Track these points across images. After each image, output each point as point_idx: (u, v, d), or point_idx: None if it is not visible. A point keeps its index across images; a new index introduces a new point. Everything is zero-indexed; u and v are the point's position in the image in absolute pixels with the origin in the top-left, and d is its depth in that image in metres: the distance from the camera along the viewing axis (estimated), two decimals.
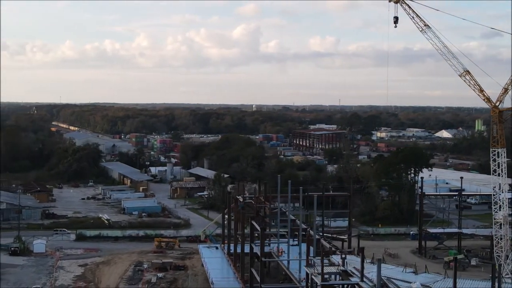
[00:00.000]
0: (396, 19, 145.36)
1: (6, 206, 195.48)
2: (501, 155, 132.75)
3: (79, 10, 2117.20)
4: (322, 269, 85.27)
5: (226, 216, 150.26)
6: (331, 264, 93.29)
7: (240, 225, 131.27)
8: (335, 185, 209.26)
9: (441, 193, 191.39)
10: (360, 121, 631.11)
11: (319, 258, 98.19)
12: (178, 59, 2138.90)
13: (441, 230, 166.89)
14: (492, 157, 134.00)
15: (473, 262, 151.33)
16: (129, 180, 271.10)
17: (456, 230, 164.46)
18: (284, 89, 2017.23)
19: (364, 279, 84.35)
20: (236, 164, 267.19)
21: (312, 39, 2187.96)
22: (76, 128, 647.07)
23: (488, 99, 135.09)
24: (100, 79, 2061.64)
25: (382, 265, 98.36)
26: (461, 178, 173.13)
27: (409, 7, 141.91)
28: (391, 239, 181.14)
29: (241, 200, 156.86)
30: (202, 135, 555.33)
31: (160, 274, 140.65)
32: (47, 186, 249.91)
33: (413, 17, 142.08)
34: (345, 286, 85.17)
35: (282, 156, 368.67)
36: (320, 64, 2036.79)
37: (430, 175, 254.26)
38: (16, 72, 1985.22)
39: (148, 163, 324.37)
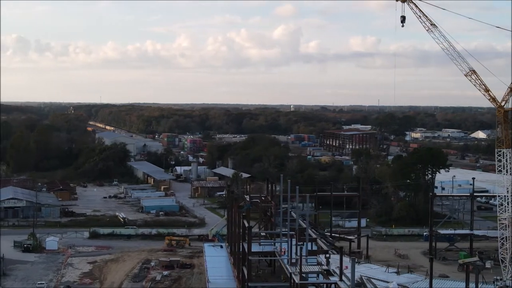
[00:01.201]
0: (403, 19, 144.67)
1: (25, 204, 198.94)
2: (507, 155, 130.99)
3: (121, 11, 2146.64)
4: (300, 268, 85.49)
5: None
6: (318, 263, 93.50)
7: (238, 223, 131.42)
8: (350, 186, 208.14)
9: (452, 194, 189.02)
10: (395, 121, 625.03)
11: (313, 257, 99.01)
12: (218, 59, 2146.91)
13: (452, 232, 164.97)
14: (498, 158, 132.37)
15: (487, 265, 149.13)
16: (152, 179, 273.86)
17: (467, 231, 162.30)
18: (323, 90, 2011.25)
19: (344, 279, 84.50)
20: (258, 164, 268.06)
21: (352, 39, 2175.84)
22: (112, 128, 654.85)
23: (493, 99, 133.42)
24: (141, 79, 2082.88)
25: (367, 265, 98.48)
26: (473, 179, 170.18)
27: (416, 6, 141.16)
28: (404, 240, 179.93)
29: (248, 199, 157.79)
30: (235, 135, 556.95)
31: (165, 272, 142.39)
32: (71, 184, 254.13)
33: (420, 16, 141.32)
34: (324, 285, 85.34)
35: (310, 156, 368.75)
36: (361, 64, 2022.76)
37: (454, 176, 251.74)
38: (59, 73, 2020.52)
39: (173, 162, 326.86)
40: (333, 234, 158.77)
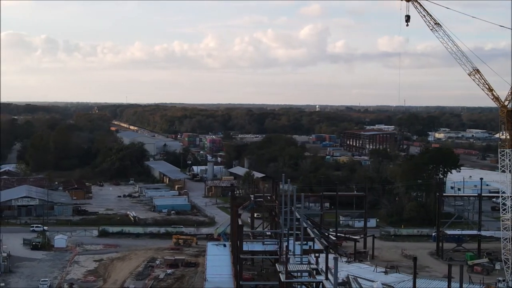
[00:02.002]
0: (407, 18, 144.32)
1: (38, 203, 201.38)
2: (510, 155, 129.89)
3: (149, 11, 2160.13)
4: (286, 267, 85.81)
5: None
6: (308, 262, 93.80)
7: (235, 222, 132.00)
8: (361, 186, 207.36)
9: (460, 194, 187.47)
10: (418, 121, 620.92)
11: (306, 256, 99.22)
12: (245, 59, 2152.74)
13: (459, 232, 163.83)
14: (501, 157, 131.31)
15: (497, 266, 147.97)
16: (167, 179, 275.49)
17: (475, 232, 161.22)
18: (350, 90, 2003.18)
19: (331, 278, 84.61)
20: (273, 163, 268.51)
21: (380, 39, 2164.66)
22: (135, 128, 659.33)
23: (497, 99, 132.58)
24: (168, 80, 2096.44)
25: (356, 264, 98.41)
26: (481, 179, 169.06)
27: (420, 5, 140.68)
28: (413, 241, 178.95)
29: (252, 199, 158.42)
30: (257, 135, 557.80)
31: (169, 271, 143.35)
32: (86, 183, 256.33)
33: (424, 15, 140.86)
34: (312, 283, 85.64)
35: (329, 156, 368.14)
36: (388, 64, 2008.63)
37: (470, 177, 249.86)
38: (87, 73, 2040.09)
39: (190, 162, 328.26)
40: (338, 234, 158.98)
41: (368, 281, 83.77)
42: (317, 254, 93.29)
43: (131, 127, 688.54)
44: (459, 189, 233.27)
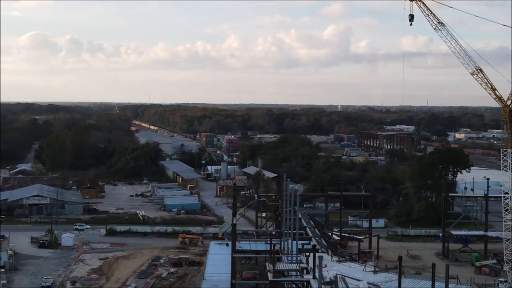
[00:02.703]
0: (411, 17, 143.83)
1: (49, 201, 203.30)
2: None
3: (172, 12, 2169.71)
4: (274, 266, 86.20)
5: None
6: (299, 261, 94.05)
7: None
8: (372, 186, 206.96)
9: (467, 195, 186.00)
10: (439, 122, 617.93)
11: (298, 255, 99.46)
12: (268, 59, 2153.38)
13: (465, 233, 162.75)
14: (503, 157, 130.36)
15: (505, 267, 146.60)
16: (180, 178, 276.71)
17: (481, 232, 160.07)
18: (373, 90, 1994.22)
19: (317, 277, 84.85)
20: (286, 163, 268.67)
21: (404, 39, 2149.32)
22: (155, 128, 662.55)
23: (499, 98, 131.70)
24: (191, 80, 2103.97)
25: (347, 263, 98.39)
26: (487, 179, 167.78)
27: (424, 4, 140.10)
28: (420, 241, 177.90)
29: (256, 198, 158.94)
30: (276, 135, 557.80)
31: (172, 269, 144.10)
32: (100, 183, 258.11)
33: (427, 14, 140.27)
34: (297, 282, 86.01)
35: (345, 156, 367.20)
36: (412, 64, 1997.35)
37: (485, 177, 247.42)
38: (111, 73, 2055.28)
39: (204, 162, 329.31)
40: (342, 234, 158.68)
41: (355, 280, 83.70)
42: (307, 254, 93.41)
43: (151, 127, 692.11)
44: (472, 190, 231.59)
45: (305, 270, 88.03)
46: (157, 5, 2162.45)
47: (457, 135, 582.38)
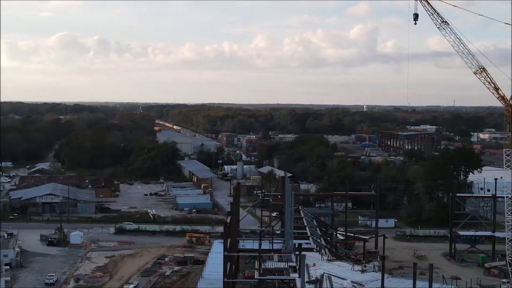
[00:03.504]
0: (416, 16, 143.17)
1: (62, 200, 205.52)
2: None
3: (199, 12, 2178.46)
4: (260, 265, 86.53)
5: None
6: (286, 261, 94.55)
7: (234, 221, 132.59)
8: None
9: (474, 195, 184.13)
10: (463, 122, 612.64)
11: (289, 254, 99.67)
12: (294, 59, 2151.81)
13: (472, 233, 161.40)
14: (506, 158, 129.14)
15: (509, 268, 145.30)
16: (196, 178, 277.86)
17: (488, 233, 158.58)
18: (400, 90, 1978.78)
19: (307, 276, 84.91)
20: (300, 163, 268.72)
21: (431, 39, 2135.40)
22: (178, 128, 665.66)
23: (502, 98, 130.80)
24: (217, 80, 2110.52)
25: (337, 262, 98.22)
26: (495, 179, 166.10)
27: (428, 3, 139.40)
28: (429, 241, 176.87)
29: (260, 197, 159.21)
30: (297, 135, 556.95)
31: (176, 268, 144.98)
32: (115, 182, 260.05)
33: (431, 13, 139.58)
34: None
35: (364, 157, 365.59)
36: (439, 64, 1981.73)
37: (501, 177, 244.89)
38: (138, 74, 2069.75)
39: (221, 161, 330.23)
40: (348, 234, 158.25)
41: (342, 279, 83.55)
42: (296, 253, 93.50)
43: (175, 126, 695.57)
44: (488, 190, 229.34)
45: (292, 269, 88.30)
46: (185, 5, 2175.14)
47: (481, 135, 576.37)
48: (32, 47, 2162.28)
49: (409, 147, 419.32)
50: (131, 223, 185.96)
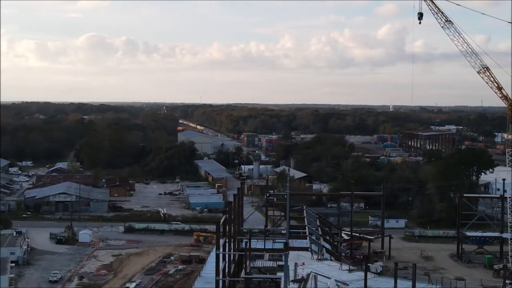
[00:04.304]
0: (420, 15, 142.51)
1: (75, 199, 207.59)
2: None
3: (226, 12, 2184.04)
4: (247, 264, 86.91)
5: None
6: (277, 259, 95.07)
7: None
8: (396, 186, 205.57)
9: (482, 195, 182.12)
10: (488, 122, 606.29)
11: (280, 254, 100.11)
12: (321, 59, 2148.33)
13: (479, 234, 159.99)
14: (509, 158, 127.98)
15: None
16: (211, 177, 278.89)
17: (496, 234, 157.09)
18: (428, 90, 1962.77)
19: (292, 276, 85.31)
20: (316, 163, 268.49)
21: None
22: (201, 128, 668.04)
23: (505, 97, 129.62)
24: (244, 80, 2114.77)
25: (327, 262, 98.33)
26: (503, 180, 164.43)
27: (432, 2, 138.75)
28: (437, 242, 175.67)
29: (266, 197, 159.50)
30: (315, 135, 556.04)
31: (180, 266, 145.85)
32: (130, 181, 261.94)
33: (436, 12, 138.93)
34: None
35: (383, 157, 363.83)
36: (469, 64, 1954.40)
37: (503, 179, 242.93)
38: (166, 74, 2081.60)
39: (237, 161, 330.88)
40: (354, 234, 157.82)
41: (327, 278, 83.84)
42: (286, 252, 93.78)
43: (198, 126, 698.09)
44: (498, 190, 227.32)
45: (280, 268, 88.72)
46: (211, 5, 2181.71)
47: (506, 136, 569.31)
48: (61, 47, 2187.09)
49: (430, 147, 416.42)
50: (131, 223, 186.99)
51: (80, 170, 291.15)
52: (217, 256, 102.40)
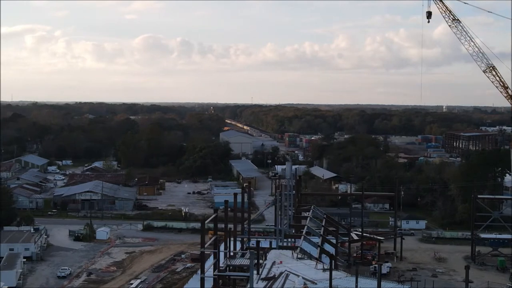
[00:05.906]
0: (429, 14, 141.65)
1: (100, 197, 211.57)
2: None
3: (279, 12, 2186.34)
4: (218, 261, 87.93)
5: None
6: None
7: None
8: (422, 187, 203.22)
9: (496, 196, 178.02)
10: None
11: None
12: (376, 60, 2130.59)
13: (493, 236, 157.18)
14: None
15: None
16: (241, 177, 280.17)
17: (510, 236, 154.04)
18: (484, 90, 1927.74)
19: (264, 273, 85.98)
20: (346, 163, 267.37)
21: None
22: (247, 128, 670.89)
23: (511, 97, 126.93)
24: (298, 80, 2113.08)
25: (305, 261, 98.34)
26: None
27: (441, 1, 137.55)
28: (454, 244, 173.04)
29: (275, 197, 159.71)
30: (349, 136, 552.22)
31: (189, 264, 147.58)
32: (161, 180, 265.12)
33: (444, 11, 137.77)
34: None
35: (422, 158, 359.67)
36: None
37: None
38: (220, 74, 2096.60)
39: (270, 161, 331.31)
40: (364, 234, 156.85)
41: (297, 276, 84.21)
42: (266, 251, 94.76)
43: (245, 127, 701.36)
44: None
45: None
46: (265, 6, 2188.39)
47: None
48: (118, 48, 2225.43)
49: (473, 148, 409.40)
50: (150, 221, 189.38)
51: (115, 169, 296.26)
52: (202, 254, 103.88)
